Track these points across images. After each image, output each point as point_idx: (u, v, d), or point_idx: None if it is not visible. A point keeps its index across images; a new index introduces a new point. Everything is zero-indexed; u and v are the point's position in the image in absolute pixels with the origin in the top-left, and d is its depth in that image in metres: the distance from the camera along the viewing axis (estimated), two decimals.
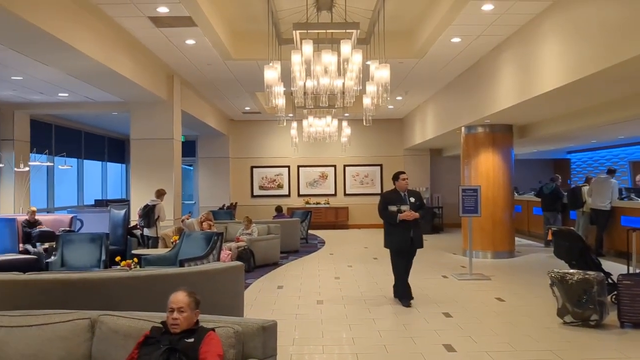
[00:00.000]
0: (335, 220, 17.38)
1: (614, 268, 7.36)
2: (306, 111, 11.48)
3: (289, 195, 17.82)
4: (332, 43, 6.64)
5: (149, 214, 9.34)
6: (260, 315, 5.73)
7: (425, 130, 14.62)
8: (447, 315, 6.17)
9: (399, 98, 13.74)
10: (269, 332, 2.96)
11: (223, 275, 4.72)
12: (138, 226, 9.78)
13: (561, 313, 5.65)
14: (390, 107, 15.12)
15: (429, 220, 14.94)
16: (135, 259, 6.79)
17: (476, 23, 7.46)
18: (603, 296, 5.45)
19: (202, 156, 17.71)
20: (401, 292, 6.76)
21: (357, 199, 17.73)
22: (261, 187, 17.90)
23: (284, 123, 10.07)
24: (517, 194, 13.96)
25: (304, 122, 12.23)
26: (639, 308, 5.33)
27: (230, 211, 14.91)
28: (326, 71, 6.06)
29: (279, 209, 14.05)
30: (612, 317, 5.54)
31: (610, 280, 6.00)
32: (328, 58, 5.98)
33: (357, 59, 6.15)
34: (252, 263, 9.41)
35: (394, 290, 6.96)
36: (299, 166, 17.87)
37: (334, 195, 17.87)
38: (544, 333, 5.40)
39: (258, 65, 9.54)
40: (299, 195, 17.85)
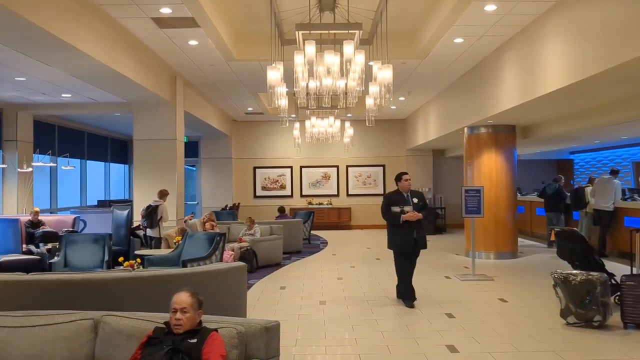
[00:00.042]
0: (338, 220, 17.37)
1: (617, 269, 7.34)
2: (309, 112, 11.48)
3: (291, 196, 17.82)
4: (334, 44, 6.64)
5: (151, 215, 9.35)
6: (263, 315, 5.74)
7: (427, 131, 14.61)
8: (449, 316, 6.16)
9: (401, 99, 13.73)
10: (271, 332, 2.96)
11: (226, 275, 4.72)
12: (141, 227, 9.79)
13: (564, 314, 5.64)
14: (393, 107, 15.11)
15: (432, 221, 14.92)
16: (138, 260, 6.82)
17: (479, 23, 7.45)
18: (606, 297, 5.44)
19: (205, 157, 17.72)
20: (405, 292, 6.76)
21: (359, 199, 17.72)
22: (264, 188, 17.91)
23: (286, 124, 10.06)
24: (520, 194, 13.93)
25: (307, 122, 12.25)
26: None
27: (233, 212, 14.91)
28: (329, 72, 6.08)
29: (281, 210, 14.05)
30: (615, 318, 5.53)
31: (613, 281, 5.99)
32: (331, 59, 5.99)
33: (359, 59, 6.15)
34: (255, 264, 9.41)
35: (397, 291, 6.96)
36: (302, 167, 17.87)
37: (337, 195, 17.86)
38: (547, 334, 5.39)
39: (261, 65, 9.54)
40: (302, 195, 17.85)
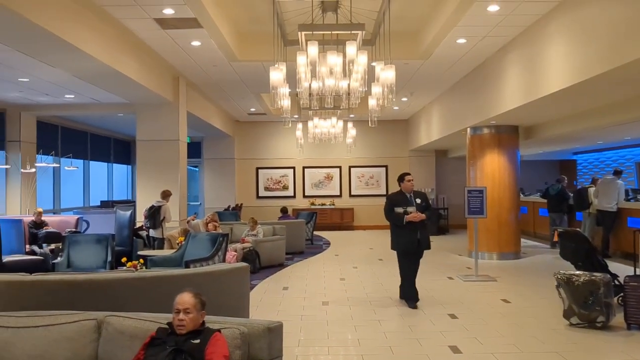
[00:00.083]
0: (341, 221, 17.36)
1: (620, 269, 7.33)
2: (311, 112, 11.48)
3: (294, 197, 17.81)
4: (337, 44, 6.63)
5: (154, 215, 9.36)
6: (265, 316, 5.74)
7: (430, 131, 14.60)
8: (452, 316, 6.15)
9: (404, 99, 13.72)
10: (274, 333, 2.96)
11: (228, 276, 4.73)
12: (144, 227, 9.80)
13: (567, 315, 5.62)
14: (396, 108, 15.10)
15: (435, 222, 14.90)
16: (141, 260, 6.84)
17: (482, 24, 7.45)
18: (609, 298, 5.43)
19: (208, 157, 17.74)
20: (408, 293, 6.75)
21: (362, 200, 17.71)
22: (266, 188, 17.91)
23: (289, 124, 10.09)
24: (523, 195, 13.90)
25: (309, 123, 12.24)
26: None
27: (236, 212, 14.93)
28: (331, 72, 6.06)
29: (284, 210, 14.06)
30: (618, 319, 5.52)
31: (616, 282, 5.97)
32: (333, 59, 5.97)
33: (362, 60, 6.14)
34: (258, 264, 9.42)
35: (400, 292, 6.96)
36: (304, 167, 17.86)
37: (339, 196, 17.86)
38: (550, 335, 5.38)
39: (263, 66, 9.55)
40: (304, 196, 17.84)
